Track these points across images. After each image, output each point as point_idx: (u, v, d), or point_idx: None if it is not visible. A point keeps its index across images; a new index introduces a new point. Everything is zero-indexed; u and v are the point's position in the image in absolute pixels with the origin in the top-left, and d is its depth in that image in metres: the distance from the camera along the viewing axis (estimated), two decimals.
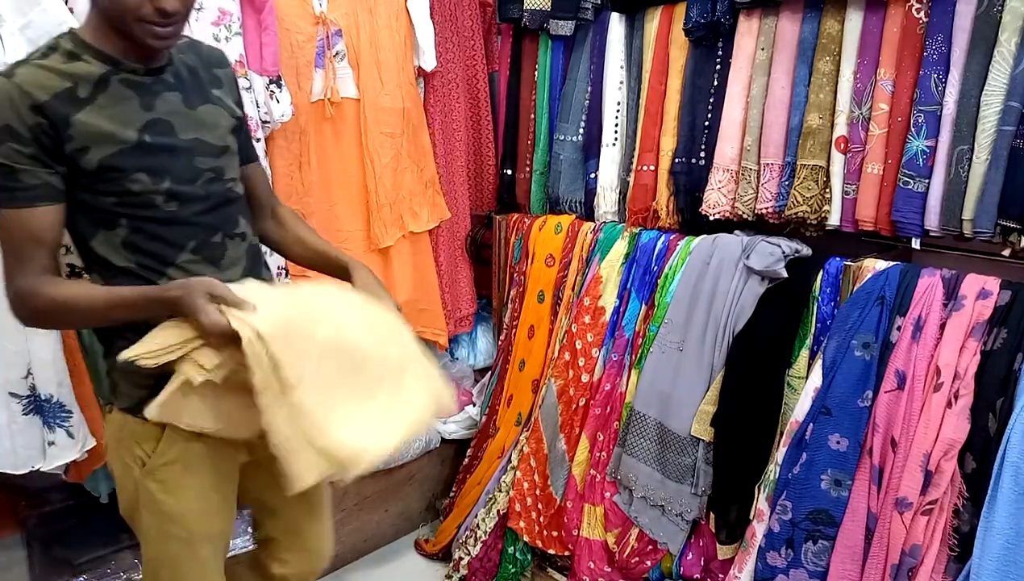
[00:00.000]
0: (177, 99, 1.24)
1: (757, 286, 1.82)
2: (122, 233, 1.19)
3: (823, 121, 1.78)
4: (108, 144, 1.14)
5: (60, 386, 1.62)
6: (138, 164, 1.17)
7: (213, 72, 1.34)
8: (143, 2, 1.09)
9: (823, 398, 1.64)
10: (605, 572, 2.05)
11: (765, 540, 1.69)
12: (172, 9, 1.11)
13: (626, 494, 2.04)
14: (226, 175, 1.30)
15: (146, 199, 1.18)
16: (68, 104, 1.12)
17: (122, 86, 1.17)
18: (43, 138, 1.10)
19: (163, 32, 1.13)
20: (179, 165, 1.22)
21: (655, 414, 1.96)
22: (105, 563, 1.93)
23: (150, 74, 1.21)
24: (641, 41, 2.16)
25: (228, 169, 1.31)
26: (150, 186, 1.18)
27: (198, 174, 1.24)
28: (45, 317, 1.19)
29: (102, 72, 1.15)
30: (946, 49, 1.59)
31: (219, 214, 1.28)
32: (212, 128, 1.28)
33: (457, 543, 2.29)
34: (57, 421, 1.62)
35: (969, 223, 1.57)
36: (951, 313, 1.54)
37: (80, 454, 1.66)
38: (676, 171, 2.07)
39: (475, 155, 2.58)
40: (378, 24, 2.14)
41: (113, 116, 1.15)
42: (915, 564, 1.49)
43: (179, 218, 1.22)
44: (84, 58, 1.15)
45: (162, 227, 1.21)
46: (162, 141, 1.20)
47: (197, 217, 1.24)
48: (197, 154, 1.25)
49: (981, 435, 1.47)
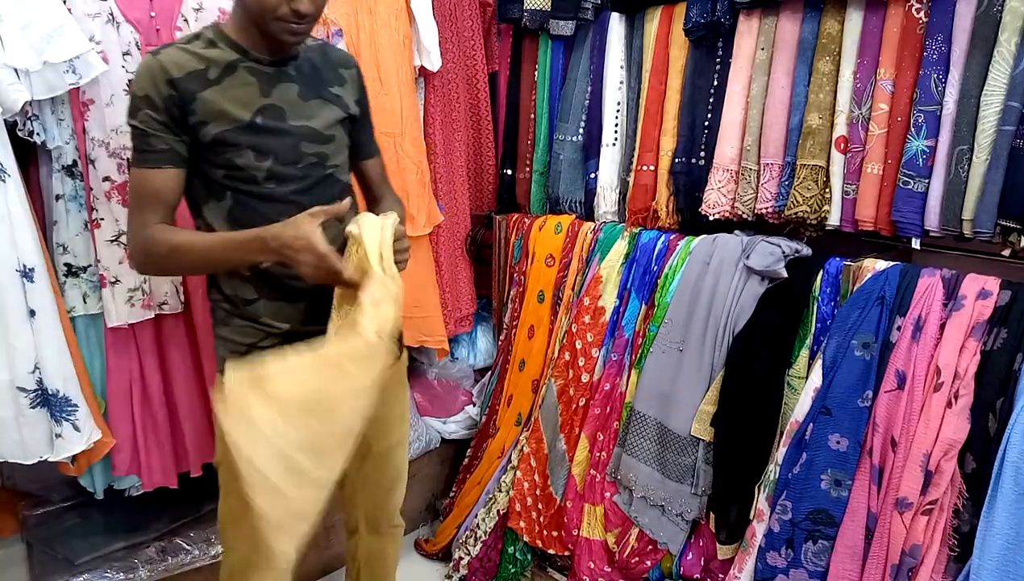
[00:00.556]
0: (293, 89, 1.38)
1: (757, 286, 1.82)
2: (227, 204, 1.34)
3: (823, 121, 1.77)
4: (224, 121, 1.30)
5: (66, 381, 1.64)
6: (247, 142, 1.32)
7: (338, 71, 1.48)
8: (281, 3, 1.25)
9: (823, 398, 1.64)
10: (605, 572, 2.05)
11: (765, 540, 1.69)
12: (305, 11, 1.27)
13: (626, 494, 2.04)
14: (329, 161, 1.43)
15: (249, 174, 1.33)
16: (197, 82, 1.28)
17: (246, 73, 1.33)
18: (173, 109, 1.27)
19: (297, 29, 1.29)
20: (284, 147, 1.36)
21: (655, 414, 1.96)
22: (105, 563, 1.93)
23: (273, 65, 1.36)
24: (641, 41, 2.16)
25: (333, 156, 1.43)
26: (253, 163, 1.33)
27: (300, 157, 1.38)
28: (164, 261, 1.32)
29: (232, 59, 1.32)
30: (946, 49, 1.59)
31: (314, 195, 1.39)
32: (321, 118, 1.41)
33: (457, 543, 2.29)
34: (63, 415, 1.64)
35: (969, 223, 1.57)
36: (951, 313, 1.54)
37: (87, 445, 1.69)
38: (676, 171, 2.07)
39: (475, 155, 2.58)
40: (377, 24, 2.14)
41: (234, 97, 1.31)
42: (915, 564, 1.49)
43: (276, 195, 1.35)
44: (220, 46, 1.32)
45: (261, 202, 1.34)
46: (272, 124, 1.34)
47: (293, 196, 1.37)
48: (302, 139, 1.38)
49: (981, 435, 1.47)
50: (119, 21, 1.70)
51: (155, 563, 1.97)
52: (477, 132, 2.56)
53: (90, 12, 1.65)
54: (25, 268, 1.56)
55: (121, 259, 1.76)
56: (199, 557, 2.02)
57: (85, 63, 1.58)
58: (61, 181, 1.70)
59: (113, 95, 1.69)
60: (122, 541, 1.99)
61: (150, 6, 1.74)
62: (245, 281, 1.38)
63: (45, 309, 1.60)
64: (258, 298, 1.39)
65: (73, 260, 1.74)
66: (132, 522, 2.06)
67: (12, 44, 1.49)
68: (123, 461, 1.88)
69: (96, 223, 1.73)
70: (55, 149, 1.67)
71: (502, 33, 2.52)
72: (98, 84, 1.67)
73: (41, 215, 1.76)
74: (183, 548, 2.03)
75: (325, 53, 1.48)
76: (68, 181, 1.71)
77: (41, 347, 1.60)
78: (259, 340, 1.40)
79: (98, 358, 1.82)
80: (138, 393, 1.87)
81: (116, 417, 1.84)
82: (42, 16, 1.52)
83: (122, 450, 1.86)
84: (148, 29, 1.74)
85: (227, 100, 1.30)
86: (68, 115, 1.67)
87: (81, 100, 1.67)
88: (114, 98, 1.69)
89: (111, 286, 1.75)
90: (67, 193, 1.71)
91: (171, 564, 1.98)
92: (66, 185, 1.71)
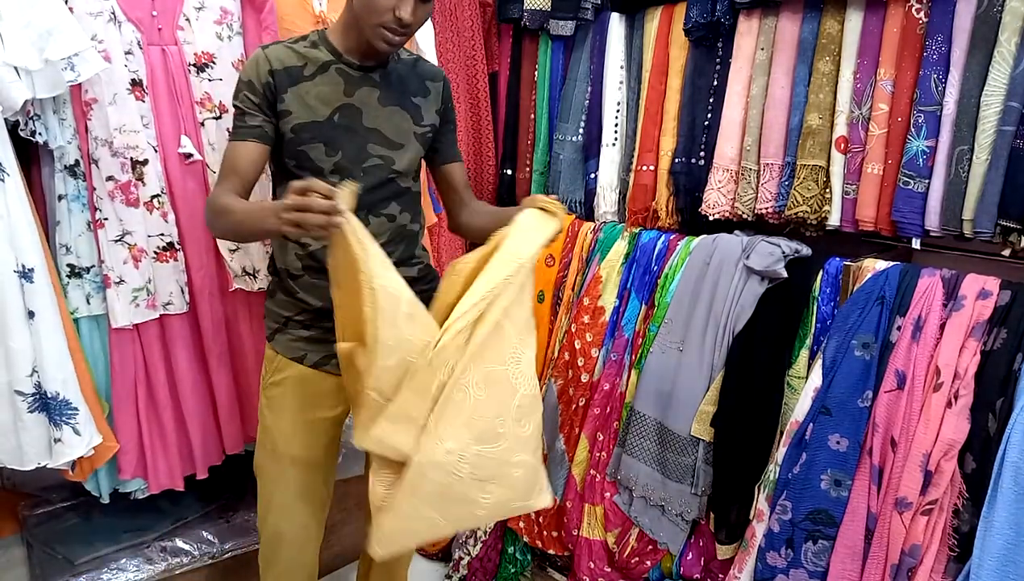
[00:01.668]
0: (374, 95, 1.49)
1: (757, 286, 1.82)
2: None
3: (823, 121, 1.78)
4: (306, 113, 1.43)
5: (66, 383, 1.63)
6: (321, 135, 1.44)
7: (424, 83, 1.57)
8: (388, 11, 1.33)
9: (823, 398, 1.64)
10: (605, 572, 2.05)
11: (765, 540, 1.69)
12: (408, 20, 1.34)
13: (626, 494, 2.04)
14: (394, 165, 1.51)
15: (317, 166, 1.44)
16: (293, 76, 1.43)
17: (336, 73, 1.45)
18: (268, 94, 1.42)
19: (393, 40, 1.37)
20: (353, 146, 1.46)
21: (655, 414, 1.96)
22: (105, 563, 1.93)
23: (362, 70, 1.47)
24: (641, 41, 2.16)
25: (399, 161, 1.51)
26: (323, 156, 1.44)
27: (366, 157, 1.48)
28: (215, 221, 1.41)
29: (327, 59, 1.45)
30: (946, 49, 1.59)
31: (371, 194, 1.47)
32: (394, 125, 1.51)
33: (457, 543, 2.29)
34: (63, 418, 1.63)
35: (969, 223, 1.57)
36: (951, 313, 1.54)
37: (87, 450, 1.67)
38: (676, 171, 2.07)
39: (475, 155, 2.58)
40: None
41: (319, 94, 1.44)
42: (915, 564, 1.49)
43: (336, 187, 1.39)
44: (320, 48, 1.46)
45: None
46: (346, 123, 1.46)
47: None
48: (372, 141, 1.48)
49: (981, 435, 1.47)
50: (120, 20, 1.70)
51: (155, 563, 1.97)
52: (477, 132, 2.56)
53: (91, 11, 1.65)
54: (24, 268, 1.55)
55: (126, 259, 1.76)
56: (199, 557, 2.02)
57: (84, 60, 1.57)
58: (63, 181, 1.70)
59: (116, 94, 1.69)
60: (122, 541, 2.00)
61: (151, 5, 1.74)
62: (297, 257, 1.50)
63: (45, 310, 1.59)
64: (303, 274, 1.51)
65: (76, 261, 1.74)
66: (132, 522, 2.06)
67: (13, 42, 1.49)
68: (129, 464, 1.87)
69: (100, 223, 1.73)
70: (57, 149, 1.67)
71: (502, 33, 2.52)
72: (100, 83, 1.67)
73: (44, 216, 1.75)
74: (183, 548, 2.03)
75: (415, 66, 1.58)
76: (70, 181, 1.71)
77: (40, 349, 1.58)
78: (294, 314, 1.53)
79: (102, 360, 1.81)
80: (143, 395, 1.87)
81: (121, 420, 1.84)
82: (41, 14, 1.52)
83: (128, 453, 1.86)
84: (150, 28, 1.74)
85: (313, 95, 1.43)
86: (70, 115, 1.68)
87: (84, 99, 1.67)
88: (117, 97, 1.69)
89: (116, 286, 1.75)
90: (69, 193, 1.71)
91: (171, 564, 1.98)
92: (68, 185, 1.71)
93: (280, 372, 1.55)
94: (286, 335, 1.54)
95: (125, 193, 1.73)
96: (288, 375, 1.54)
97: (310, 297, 1.51)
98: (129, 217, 1.75)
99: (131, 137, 1.72)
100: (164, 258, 1.82)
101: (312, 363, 1.54)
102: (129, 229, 1.75)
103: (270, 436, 1.57)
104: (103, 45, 1.67)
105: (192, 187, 1.85)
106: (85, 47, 1.56)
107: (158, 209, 1.79)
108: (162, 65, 1.77)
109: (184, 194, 1.83)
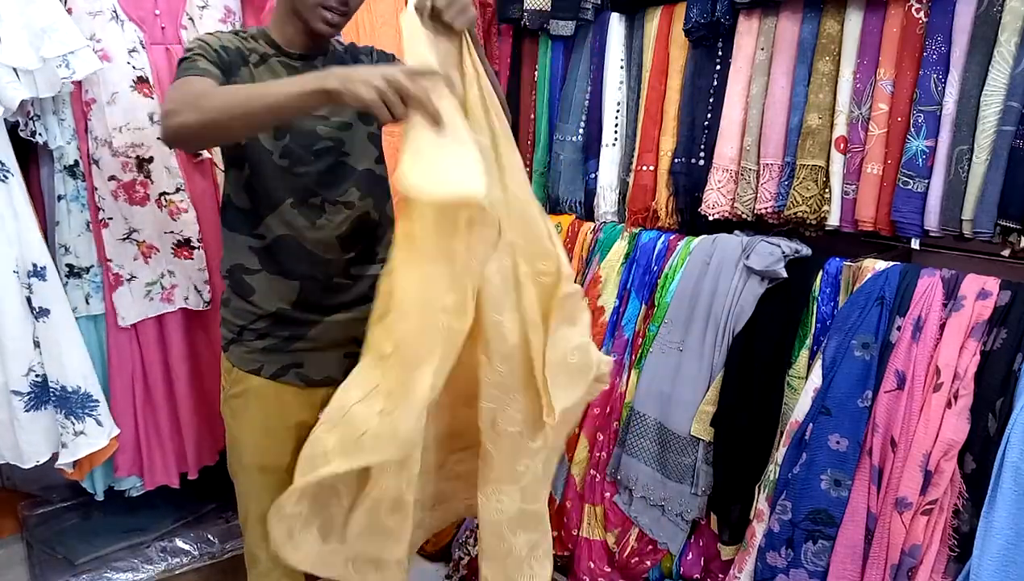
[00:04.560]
0: None
1: (757, 286, 1.82)
2: (244, 174, 1.41)
3: (823, 121, 1.78)
4: None
5: (86, 378, 1.65)
6: None
7: (360, 59, 1.55)
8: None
9: (823, 398, 1.64)
10: (605, 572, 2.05)
11: (765, 540, 1.69)
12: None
13: (626, 494, 2.04)
14: (344, 148, 1.47)
15: (264, 148, 1.39)
16: (241, 60, 1.40)
17: (278, 65, 1.43)
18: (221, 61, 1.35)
19: (333, 20, 1.36)
20: (301, 129, 1.41)
21: (655, 414, 1.96)
22: (105, 562, 1.93)
23: (302, 59, 1.45)
24: (641, 41, 2.16)
25: (348, 143, 1.47)
26: (271, 138, 1.39)
27: (315, 141, 1.43)
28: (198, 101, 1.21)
29: (265, 51, 1.43)
30: (946, 49, 1.59)
31: (323, 179, 1.44)
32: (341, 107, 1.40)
33: (457, 543, 2.29)
34: (86, 411, 1.64)
35: (969, 223, 1.57)
36: (951, 313, 1.54)
37: (108, 440, 1.69)
38: (676, 171, 2.07)
39: None
40: (377, 22, 2.14)
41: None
42: (915, 564, 1.49)
43: (286, 172, 1.41)
44: (259, 41, 1.44)
45: (271, 178, 1.40)
46: None
47: (301, 177, 1.42)
48: (320, 124, 1.43)
49: (981, 435, 1.47)
50: (122, 19, 1.70)
51: (155, 563, 1.97)
52: None
53: (91, 10, 1.66)
54: (36, 267, 1.55)
55: (135, 256, 1.76)
56: (199, 557, 2.03)
57: (79, 59, 1.57)
58: (63, 181, 1.71)
59: (116, 93, 1.69)
60: (122, 541, 2.00)
61: (154, 4, 1.74)
62: (252, 251, 1.45)
63: (59, 307, 1.60)
64: (260, 269, 1.45)
65: (75, 261, 1.74)
66: (132, 522, 2.06)
67: (11, 43, 1.49)
68: (125, 461, 1.88)
69: (104, 223, 1.73)
70: (56, 149, 1.68)
71: (502, 33, 2.52)
72: (100, 83, 1.67)
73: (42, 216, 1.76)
74: (183, 548, 2.03)
75: (351, 49, 1.58)
76: (70, 181, 1.71)
77: (59, 344, 1.59)
78: (249, 323, 1.47)
79: (99, 360, 1.82)
80: (140, 393, 1.87)
81: (119, 417, 1.84)
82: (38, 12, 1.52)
83: (125, 450, 1.86)
84: (152, 27, 1.75)
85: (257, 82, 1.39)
86: (69, 115, 1.68)
87: (83, 100, 1.67)
88: (116, 96, 1.69)
89: (127, 283, 1.75)
90: (68, 193, 1.71)
91: (171, 564, 1.98)
92: (68, 185, 1.71)
93: (238, 384, 1.50)
94: (241, 347, 1.48)
95: (129, 192, 1.73)
96: (246, 387, 1.49)
97: (266, 300, 1.45)
98: (135, 215, 1.75)
99: (135, 135, 1.71)
100: (181, 254, 1.82)
101: (270, 375, 1.48)
102: (136, 226, 1.75)
103: (236, 447, 1.53)
104: (102, 44, 1.67)
105: (201, 185, 1.85)
106: (80, 45, 1.56)
107: (167, 206, 1.78)
108: (167, 64, 1.78)
109: (193, 192, 1.84)
